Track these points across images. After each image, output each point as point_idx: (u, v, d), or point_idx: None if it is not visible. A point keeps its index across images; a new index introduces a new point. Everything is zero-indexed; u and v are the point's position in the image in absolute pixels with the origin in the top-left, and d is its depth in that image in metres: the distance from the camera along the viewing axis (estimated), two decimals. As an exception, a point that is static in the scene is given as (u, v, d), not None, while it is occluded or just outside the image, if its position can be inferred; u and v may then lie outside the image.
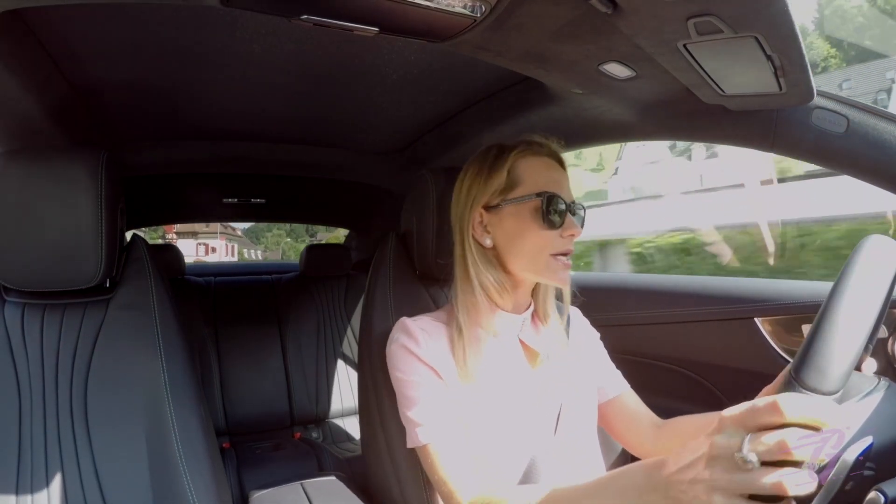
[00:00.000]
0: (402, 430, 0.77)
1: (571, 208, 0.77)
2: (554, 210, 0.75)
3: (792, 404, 0.38)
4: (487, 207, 0.79)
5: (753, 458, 0.38)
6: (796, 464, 0.38)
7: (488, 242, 0.79)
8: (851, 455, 0.44)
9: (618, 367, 0.92)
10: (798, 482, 0.37)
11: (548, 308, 0.85)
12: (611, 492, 0.53)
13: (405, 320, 0.80)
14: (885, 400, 0.50)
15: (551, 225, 0.75)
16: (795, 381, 0.43)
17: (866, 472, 0.46)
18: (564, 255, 0.77)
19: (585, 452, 0.82)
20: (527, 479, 0.74)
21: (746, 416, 0.40)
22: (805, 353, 0.44)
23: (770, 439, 0.38)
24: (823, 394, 0.43)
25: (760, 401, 0.40)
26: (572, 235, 0.76)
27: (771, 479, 0.38)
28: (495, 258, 0.79)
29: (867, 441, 0.45)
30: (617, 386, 0.89)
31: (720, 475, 0.40)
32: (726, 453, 0.40)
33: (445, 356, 0.77)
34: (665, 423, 0.85)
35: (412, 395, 0.75)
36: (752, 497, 0.39)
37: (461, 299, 0.79)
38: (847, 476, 0.44)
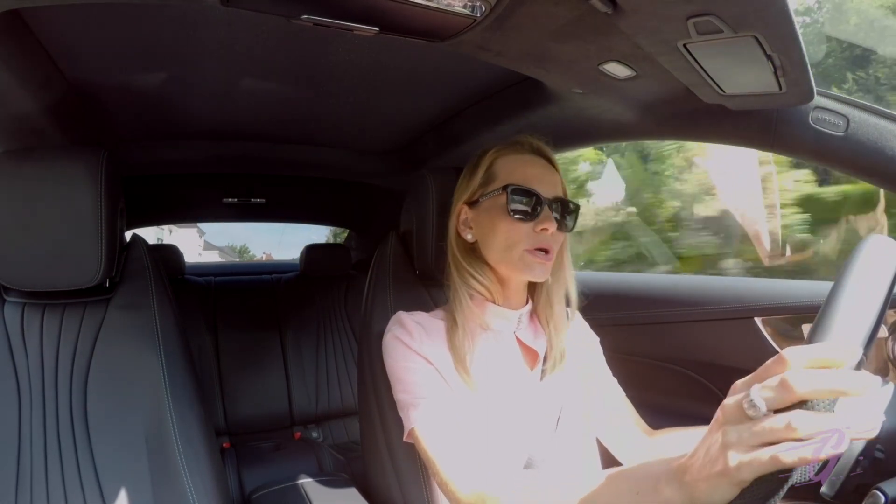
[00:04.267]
0: (401, 430, 0.77)
1: (550, 204, 0.76)
2: (519, 203, 0.75)
3: (796, 352, 0.37)
4: (469, 203, 0.81)
5: (761, 402, 0.37)
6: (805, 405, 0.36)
7: (469, 237, 0.81)
8: (861, 439, 0.44)
9: (618, 367, 0.92)
10: (810, 423, 0.35)
11: (552, 309, 0.84)
12: (626, 481, 0.50)
13: (401, 314, 0.81)
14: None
15: (520, 218, 0.75)
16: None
17: (876, 455, 0.46)
18: (543, 251, 0.76)
19: (584, 455, 0.82)
20: None
21: (754, 376, 0.39)
22: (819, 322, 0.43)
23: (773, 380, 0.37)
24: None
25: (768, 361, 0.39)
26: (544, 230, 0.75)
27: (781, 421, 0.36)
28: (478, 252, 0.81)
29: (878, 421, 0.45)
30: (613, 394, 0.89)
31: (732, 431, 0.38)
32: (735, 407, 0.39)
33: (441, 351, 0.77)
34: (656, 434, 0.85)
35: (406, 378, 0.75)
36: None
37: (451, 293, 0.81)
38: (856, 459, 0.43)
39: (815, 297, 0.99)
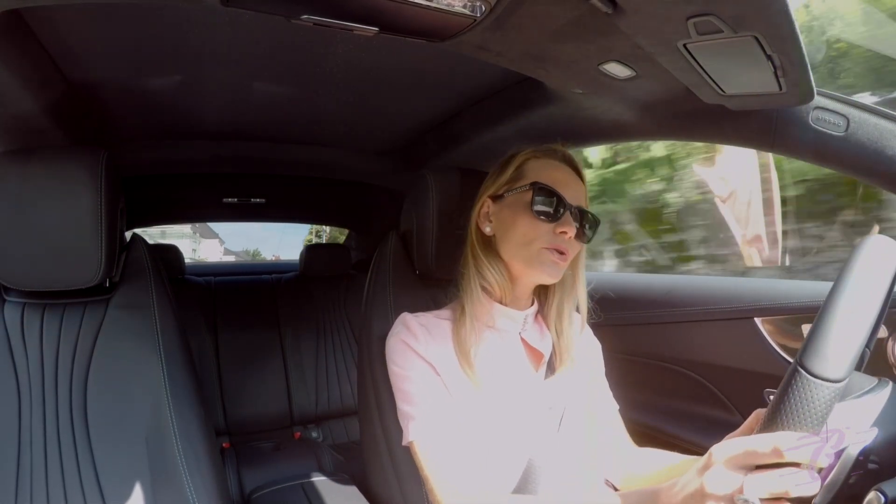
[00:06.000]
0: (401, 429, 0.77)
1: (572, 210, 0.77)
2: (545, 202, 0.76)
3: (792, 447, 0.39)
4: (493, 198, 0.82)
5: (756, 499, 0.39)
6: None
7: (488, 230, 0.82)
8: (855, 449, 0.44)
9: (618, 367, 0.92)
10: None
11: (561, 318, 0.84)
12: None
13: (406, 316, 0.81)
14: (891, 396, 0.50)
15: (543, 217, 0.76)
16: (801, 369, 0.43)
17: (870, 466, 0.46)
18: (559, 252, 0.76)
19: (584, 458, 0.82)
20: (525, 480, 0.74)
21: (744, 458, 0.40)
22: (810, 341, 0.44)
23: (772, 484, 0.39)
24: (829, 381, 0.42)
25: (757, 442, 0.40)
26: (564, 233, 0.75)
27: None
28: (494, 246, 0.81)
29: (872, 433, 0.45)
30: (606, 405, 0.89)
31: None
32: (725, 495, 0.40)
33: (445, 352, 0.77)
34: (640, 451, 0.86)
35: (407, 389, 0.76)
36: None
37: (464, 286, 0.81)
38: (850, 470, 0.44)
39: (815, 297, 0.99)
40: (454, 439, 0.72)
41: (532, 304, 0.85)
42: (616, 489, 0.85)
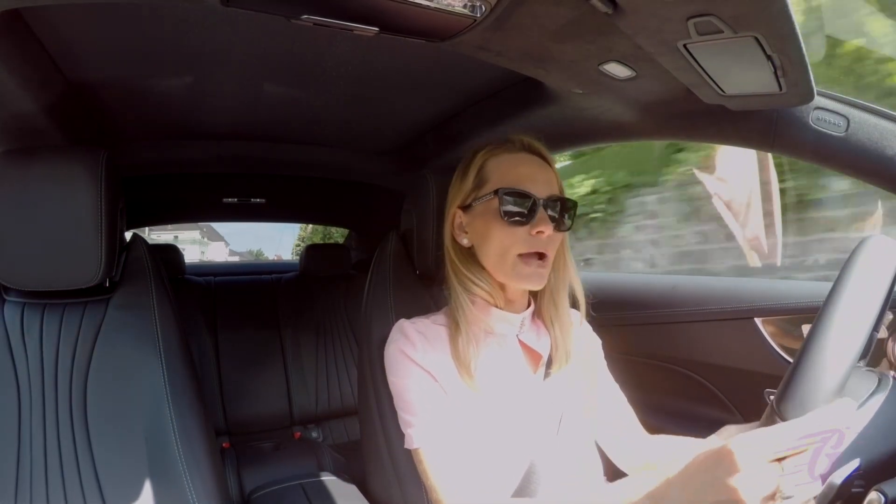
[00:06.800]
0: (401, 430, 0.77)
1: (545, 204, 0.73)
2: (512, 207, 0.72)
3: (811, 426, 0.41)
4: (463, 207, 0.79)
5: (797, 491, 0.41)
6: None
7: (465, 242, 0.79)
8: (838, 479, 0.44)
9: (618, 368, 0.92)
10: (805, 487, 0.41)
11: (557, 310, 0.83)
12: None
13: (403, 323, 0.79)
14: (878, 413, 0.50)
15: (514, 222, 0.73)
16: (777, 414, 0.43)
17: (855, 490, 0.46)
18: (538, 256, 0.74)
19: (585, 459, 0.81)
20: (525, 483, 0.74)
21: (774, 454, 0.41)
22: (787, 385, 0.44)
23: (801, 466, 0.41)
24: None
25: (782, 435, 0.41)
26: (540, 233, 0.72)
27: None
28: (475, 257, 0.79)
29: (854, 465, 0.45)
30: (614, 398, 0.88)
31: None
32: (765, 497, 0.41)
33: (443, 360, 0.76)
34: (652, 439, 0.85)
35: (407, 397, 0.75)
36: None
37: (452, 298, 0.80)
38: (834, 497, 0.44)
39: (815, 297, 0.99)
40: (454, 445, 0.72)
41: (529, 305, 0.84)
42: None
